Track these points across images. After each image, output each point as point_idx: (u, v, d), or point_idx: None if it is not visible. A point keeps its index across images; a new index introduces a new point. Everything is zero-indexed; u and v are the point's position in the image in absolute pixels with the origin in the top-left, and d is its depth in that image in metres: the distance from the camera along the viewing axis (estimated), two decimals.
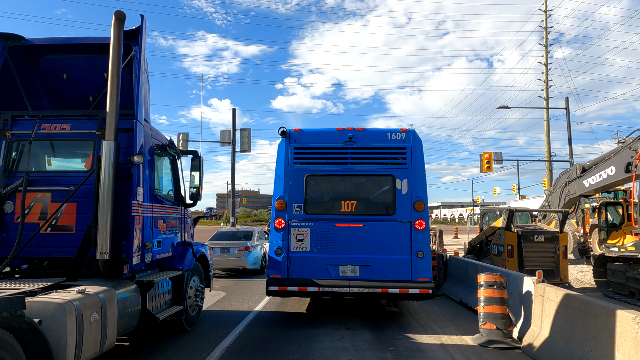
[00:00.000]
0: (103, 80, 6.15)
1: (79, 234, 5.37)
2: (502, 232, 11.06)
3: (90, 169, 5.56)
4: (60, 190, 5.57)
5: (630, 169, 9.02)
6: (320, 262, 7.36)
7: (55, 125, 5.83)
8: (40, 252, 5.52)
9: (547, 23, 35.12)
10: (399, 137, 7.74)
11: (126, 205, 5.49)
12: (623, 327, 4.21)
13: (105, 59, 5.72)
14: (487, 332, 6.31)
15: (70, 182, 5.59)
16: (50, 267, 5.68)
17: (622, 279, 10.30)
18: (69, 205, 5.52)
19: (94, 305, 4.42)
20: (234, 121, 26.58)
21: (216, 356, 5.76)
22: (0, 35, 5.97)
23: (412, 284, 7.15)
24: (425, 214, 7.45)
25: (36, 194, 5.57)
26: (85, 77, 6.46)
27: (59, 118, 5.90)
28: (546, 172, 34.25)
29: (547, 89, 34.44)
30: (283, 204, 7.57)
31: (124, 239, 5.44)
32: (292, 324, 7.49)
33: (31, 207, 5.55)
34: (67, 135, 5.83)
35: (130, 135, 5.68)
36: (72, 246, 5.36)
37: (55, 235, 5.50)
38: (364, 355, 5.84)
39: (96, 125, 5.76)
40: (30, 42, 6.12)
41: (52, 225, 5.50)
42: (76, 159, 6.16)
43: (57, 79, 6.47)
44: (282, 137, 7.83)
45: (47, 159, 6.07)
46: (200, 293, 7.59)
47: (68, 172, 5.89)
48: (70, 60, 6.41)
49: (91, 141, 5.78)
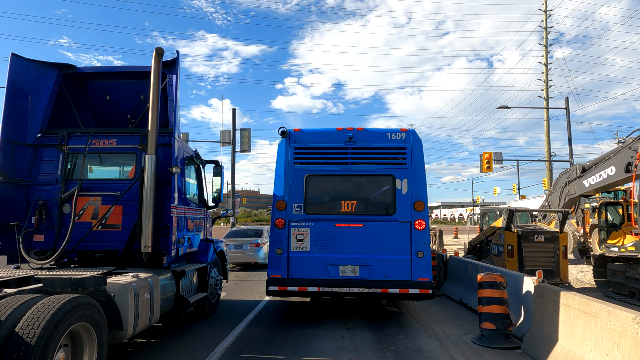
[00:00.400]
0: (140, 102, 7.47)
1: (125, 231, 6.42)
2: (502, 232, 11.06)
3: (134, 178, 6.56)
4: (109, 195, 6.58)
5: (630, 169, 9.02)
6: (320, 262, 7.36)
7: (104, 141, 6.86)
8: (92, 246, 6.53)
9: (547, 23, 35.12)
10: (399, 137, 7.73)
11: (164, 207, 6.51)
12: (623, 327, 4.21)
13: (141, 83, 7.16)
14: (487, 332, 6.31)
15: (117, 188, 6.60)
16: (100, 259, 6.75)
17: (622, 279, 10.30)
18: (117, 207, 6.52)
19: (145, 287, 5.52)
20: (234, 121, 26.59)
21: (216, 356, 5.76)
22: (55, 65, 7.13)
23: (412, 284, 7.14)
24: (425, 214, 7.44)
25: (89, 198, 6.58)
26: (124, 98, 7.61)
27: (106, 134, 6.93)
28: (546, 172, 34.25)
29: (547, 89, 34.44)
30: (283, 204, 7.57)
31: (162, 235, 6.47)
32: (292, 324, 7.49)
33: (85, 208, 6.58)
34: (113, 149, 6.87)
35: (167, 150, 6.74)
36: (119, 241, 6.42)
37: (105, 232, 6.51)
38: (364, 355, 5.84)
39: (138, 141, 6.78)
40: (80, 69, 7.29)
41: (103, 224, 6.51)
42: (120, 169, 7.22)
43: (100, 100, 7.65)
44: (282, 137, 7.83)
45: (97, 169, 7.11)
46: (220, 283, 8.66)
47: (115, 179, 6.97)
48: (112, 84, 7.58)
49: (134, 154, 6.79)
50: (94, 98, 7.69)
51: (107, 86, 7.58)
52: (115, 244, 6.49)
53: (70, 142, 6.83)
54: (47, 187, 6.66)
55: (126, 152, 6.90)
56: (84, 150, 6.75)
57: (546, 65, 34.71)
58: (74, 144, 6.83)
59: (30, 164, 6.75)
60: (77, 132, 6.93)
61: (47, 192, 6.64)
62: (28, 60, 6.90)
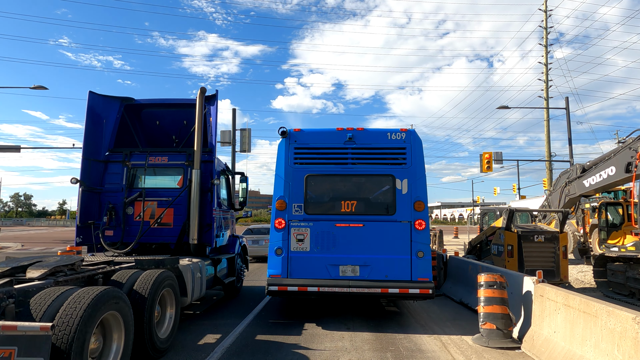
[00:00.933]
0: (183, 126, 9.13)
1: (176, 228, 8.16)
2: (502, 232, 11.06)
3: (182, 187, 8.25)
4: (163, 200, 8.23)
5: (630, 169, 9.02)
6: (320, 262, 7.36)
7: (158, 158, 8.53)
8: (151, 239, 8.18)
9: (547, 23, 35.12)
10: (399, 137, 7.73)
11: (206, 210, 8.21)
12: (623, 327, 4.21)
13: (184, 111, 8.91)
14: (487, 332, 6.31)
15: (169, 195, 8.25)
16: (155, 250, 8.45)
17: (622, 279, 10.30)
18: (169, 209, 8.19)
19: (197, 268, 7.57)
20: (234, 121, 26.58)
21: (217, 356, 5.76)
22: (119, 98, 8.88)
23: (412, 284, 7.14)
24: (425, 214, 7.44)
25: (147, 202, 8.23)
26: (170, 122, 9.22)
27: (159, 152, 8.58)
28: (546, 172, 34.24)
29: (547, 89, 34.44)
30: (283, 204, 7.57)
31: (205, 231, 8.17)
32: (292, 324, 7.49)
33: (144, 210, 8.17)
34: (166, 164, 8.53)
35: (207, 165, 8.43)
36: (171, 236, 8.16)
37: (160, 229, 8.19)
38: (364, 355, 5.84)
39: (184, 158, 8.43)
40: (137, 101, 8.99)
41: (158, 222, 8.16)
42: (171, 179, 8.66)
43: (152, 124, 9.28)
44: (282, 137, 7.84)
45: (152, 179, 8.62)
46: (243, 270, 10.71)
47: (167, 188, 8.45)
48: (161, 112, 9.18)
49: (182, 168, 8.43)
50: (146, 123, 9.30)
51: (157, 113, 9.22)
52: (168, 238, 8.22)
53: (131, 159, 8.53)
54: (115, 194, 8.35)
55: (175, 167, 8.51)
56: (143, 165, 8.48)
57: (546, 65, 34.71)
58: (134, 160, 8.52)
59: (101, 175, 8.48)
60: (136, 151, 8.65)
61: (115, 197, 8.32)
62: (100, 95, 8.57)
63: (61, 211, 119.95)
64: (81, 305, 4.10)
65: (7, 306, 3.94)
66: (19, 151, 29.72)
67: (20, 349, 3.43)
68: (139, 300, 5.36)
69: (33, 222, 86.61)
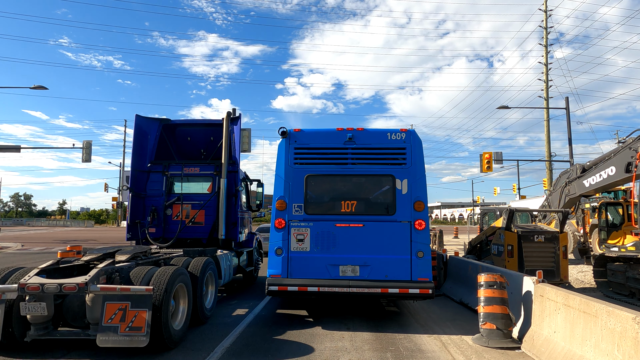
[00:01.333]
0: (210, 141, 10.67)
1: (207, 226, 9.84)
2: (502, 232, 11.06)
3: (212, 192, 9.97)
4: (196, 203, 9.88)
5: (630, 169, 9.02)
6: (320, 262, 7.36)
7: (191, 168, 10.15)
8: (186, 235, 9.84)
9: (547, 23, 35.14)
10: (399, 137, 7.73)
11: (232, 211, 9.90)
12: (623, 327, 4.21)
13: (211, 129, 10.53)
14: (487, 332, 6.31)
15: (200, 199, 9.91)
16: (190, 244, 9.97)
17: (622, 279, 10.30)
18: (201, 211, 9.84)
19: (227, 258, 9.63)
20: None
21: (216, 356, 5.76)
22: (158, 119, 10.53)
23: (412, 284, 7.14)
24: (425, 214, 7.43)
25: (183, 205, 9.91)
26: (199, 138, 10.78)
27: (192, 164, 10.22)
28: (546, 172, 34.26)
29: (547, 89, 34.45)
30: (283, 204, 7.57)
31: (231, 229, 9.86)
32: (292, 324, 7.49)
33: (181, 212, 9.83)
34: (197, 174, 10.17)
35: (232, 174, 9.92)
36: (203, 232, 9.86)
37: (194, 227, 9.84)
38: (364, 355, 5.84)
39: (213, 168, 10.10)
40: (172, 121, 10.58)
41: (192, 221, 9.81)
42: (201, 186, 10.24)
43: (184, 140, 10.84)
44: (282, 137, 7.84)
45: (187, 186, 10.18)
46: (259, 262, 12.79)
47: (199, 193, 10.08)
48: (191, 130, 10.79)
49: (211, 177, 10.11)
50: (179, 139, 10.85)
51: (188, 131, 10.79)
52: (201, 234, 9.85)
53: (169, 169, 10.16)
54: (156, 198, 9.96)
55: (205, 176, 10.16)
56: (179, 174, 10.11)
57: (546, 65, 34.72)
58: (172, 170, 10.16)
59: (145, 183, 10.07)
60: (173, 163, 10.27)
61: (156, 201, 9.94)
62: (144, 117, 10.28)
63: (61, 211, 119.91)
64: (165, 277, 5.99)
65: (115, 277, 6.08)
66: (19, 151, 29.72)
67: (132, 303, 5.44)
68: (193, 277, 7.19)
69: (33, 222, 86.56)
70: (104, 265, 6.10)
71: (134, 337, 5.32)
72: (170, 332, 5.89)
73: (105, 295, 5.45)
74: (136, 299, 5.44)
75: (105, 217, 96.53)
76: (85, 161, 30.71)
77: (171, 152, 10.63)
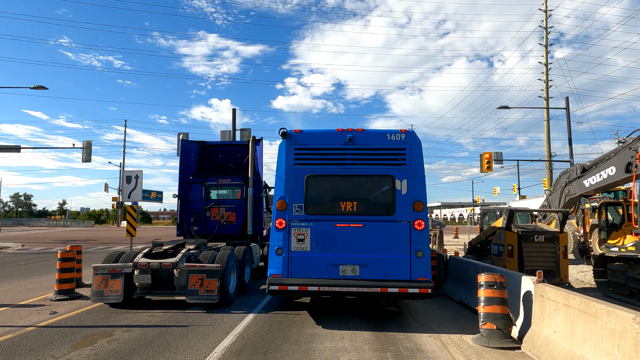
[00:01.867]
0: (237, 158, 13.43)
1: (238, 224, 12.67)
2: (502, 232, 11.06)
3: (241, 198, 12.77)
4: (229, 206, 12.75)
5: (630, 169, 9.02)
6: (320, 262, 7.38)
7: (224, 180, 12.97)
8: (222, 232, 12.71)
9: (548, 23, 35.15)
10: (399, 138, 7.74)
11: (257, 212, 12.56)
12: (624, 328, 4.21)
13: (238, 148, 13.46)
14: (487, 332, 6.32)
15: (232, 203, 12.81)
16: (225, 238, 12.62)
17: (622, 279, 10.30)
18: (233, 213, 12.66)
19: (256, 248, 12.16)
20: (234, 121, 26.57)
21: (216, 356, 5.76)
22: (197, 142, 13.36)
23: (412, 284, 7.16)
24: (425, 214, 7.45)
25: (219, 208, 12.80)
26: (228, 155, 13.59)
27: (224, 176, 13.05)
28: (546, 172, 34.27)
29: (547, 89, 34.46)
30: (284, 204, 7.59)
31: (256, 226, 12.46)
32: (292, 324, 7.50)
33: (217, 214, 12.71)
34: (229, 184, 13.01)
35: (257, 184, 12.54)
36: (235, 229, 12.66)
37: (228, 225, 12.71)
38: (364, 355, 5.85)
39: (241, 179, 12.90)
40: (208, 142, 13.50)
41: (226, 221, 12.68)
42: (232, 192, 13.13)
43: (216, 157, 13.57)
44: (282, 138, 7.86)
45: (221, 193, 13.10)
46: None
47: (230, 199, 13.00)
48: (223, 149, 13.77)
49: (240, 186, 12.92)
50: (213, 156, 13.57)
51: (220, 150, 13.69)
52: (233, 231, 12.74)
53: (207, 180, 12.96)
54: (198, 203, 12.82)
55: (236, 186, 12.99)
56: (215, 184, 12.99)
57: (546, 65, 34.73)
58: (209, 181, 12.96)
59: (189, 192, 12.90)
60: (209, 175, 13.08)
61: (198, 205, 12.80)
62: (187, 140, 13.36)
63: (61, 211, 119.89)
64: (225, 258, 8.91)
65: (192, 258, 9.03)
66: (19, 151, 29.73)
67: (207, 275, 8.41)
68: (238, 259, 9.86)
69: (33, 222, 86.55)
70: (185, 250, 9.24)
71: (210, 297, 8.38)
72: (229, 295, 8.97)
73: (189, 270, 8.51)
74: (209, 272, 8.48)
75: (106, 217, 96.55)
76: (85, 161, 30.78)
77: (207, 167, 13.34)
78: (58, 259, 9.86)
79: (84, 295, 10.06)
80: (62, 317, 8.01)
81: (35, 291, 10.88)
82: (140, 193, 13.57)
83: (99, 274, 8.57)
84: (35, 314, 8.34)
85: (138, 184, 13.50)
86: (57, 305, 9.13)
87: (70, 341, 6.47)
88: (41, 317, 8.02)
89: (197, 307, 8.73)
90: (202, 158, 13.18)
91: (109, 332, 7.00)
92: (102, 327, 7.32)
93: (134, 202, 13.63)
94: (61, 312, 8.43)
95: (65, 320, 7.83)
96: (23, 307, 8.95)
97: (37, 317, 8.08)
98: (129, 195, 13.50)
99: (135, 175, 13.55)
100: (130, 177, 13.53)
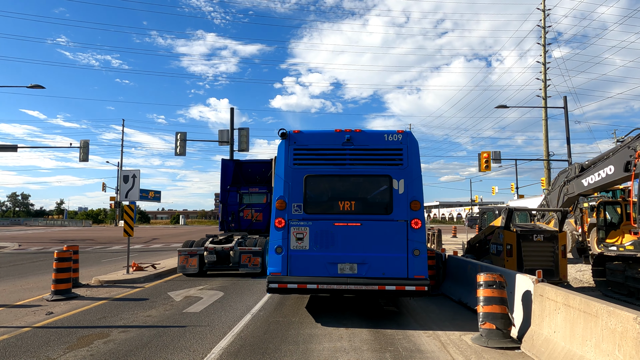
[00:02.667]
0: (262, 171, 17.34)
1: (264, 222, 16.42)
2: (501, 231, 11.04)
3: (266, 202, 16.44)
4: (258, 209, 16.58)
5: (629, 168, 9.02)
6: (319, 260, 7.44)
7: (253, 188, 16.71)
8: (253, 227, 16.51)
9: (546, 22, 35.18)
10: (396, 138, 7.80)
11: None
12: (624, 327, 4.18)
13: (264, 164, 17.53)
14: (486, 332, 6.29)
15: (259, 206, 16.59)
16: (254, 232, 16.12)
17: (621, 278, 10.29)
18: (261, 213, 16.46)
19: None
20: (232, 120, 26.52)
21: (214, 356, 5.72)
22: (233, 160, 18.09)
23: (409, 281, 7.24)
24: (421, 214, 7.52)
25: (250, 210, 16.66)
26: (255, 169, 17.42)
27: (253, 185, 16.87)
28: (544, 171, 34.30)
29: (546, 88, 34.49)
30: (283, 203, 7.64)
31: None
32: (290, 324, 7.46)
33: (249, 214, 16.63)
34: (257, 192, 16.65)
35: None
36: (262, 226, 16.47)
37: (257, 222, 16.55)
38: (362, 355, 5.81)
39: (266, 189, 16.61)
40: (242, 161, 17.87)
41: (256, 219, 16.57)
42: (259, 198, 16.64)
43: (246, 171, 17.48)
44: (282, 138, 7.93)
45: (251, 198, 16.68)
46: None
47: (259, 203, 16.56)
48: (251, 164, 17.68)
49: (265, 193, 16.54)
50: (244, 170, 17.51)
51: (249, 166, 17.62)
52: (260, 227, 16.32)
53: (240, 189, 16.64)
54: (233, 206, 16.57)
55: (262, 193, 16.57)
56: (247, 192, 16.62)
57: (544, 64, 34.76)
58: (242, 190, 16.65)
59: (227, 197, 16.66)
60: (242, 185, 16.82)
61: (234, 208, 16.58)
62: (226, 160, 17.15)
63: (59, 211, 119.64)
64: (264, 243, 13.53)
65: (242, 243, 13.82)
66: (16, 150, 29.62)
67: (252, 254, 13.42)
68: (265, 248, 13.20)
69: (30, 221, 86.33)
70: (236, 239, 13.87)
71: (255, 268, 13.20)
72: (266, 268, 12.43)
73: (241, 251, 13.27)
74: (254, 252, 13.24)
75: (103, 216, 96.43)
76: (82, 161, 30.77)
77: (240, 178, 17.31)
78: (54, 259, 9.80)
79: (80, 296, 10.01)
80: (58, 318, 7.97)
81: (31, 291, 10.83)
82: (138, 192, 13.54)
83: (182, 255, 13.27)
84: (31, 314, 8.29)
85: (135, 183, 13.46)
86: (53, 305, 9.08)
87: (66, 342, 6.44)
88: (37, 318, 7.97)
89: (245, 276, 13.48)
90: (237, 172, 17.31)
91: (106, 332, 6.97)
92: (99, 327, 7.29)
93: (132, 201, 13.58)
94: (57, 313, 8.38)
95: (62, 320, 7.79)
96: (19, 308, 8.90)
97: (33, 317, 8.03)
98: (127, 195, 13.46)
99: (133, 174, 13.51)
100: (127, 176, 13.48)
